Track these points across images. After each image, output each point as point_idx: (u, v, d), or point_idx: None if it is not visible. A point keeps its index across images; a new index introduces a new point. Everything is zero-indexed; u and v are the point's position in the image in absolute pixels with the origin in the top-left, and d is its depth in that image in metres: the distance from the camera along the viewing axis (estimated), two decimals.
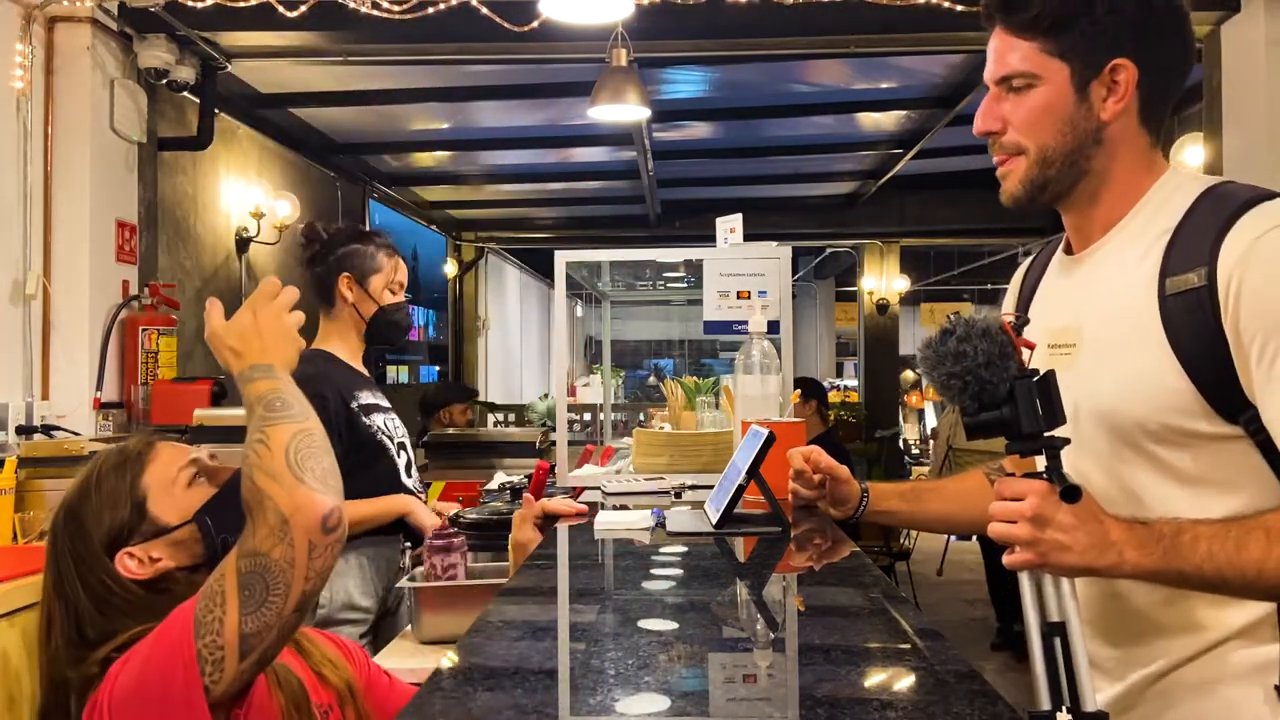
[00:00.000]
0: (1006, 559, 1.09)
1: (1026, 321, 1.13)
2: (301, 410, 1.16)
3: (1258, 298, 1.06)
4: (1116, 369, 1.16)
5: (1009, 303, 1.43)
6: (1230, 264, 1.08)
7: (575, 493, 2.13)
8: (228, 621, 1.07)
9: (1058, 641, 1.09)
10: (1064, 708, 1.07)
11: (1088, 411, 1.19)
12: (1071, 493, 1.05)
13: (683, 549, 1.47)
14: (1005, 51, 1.21)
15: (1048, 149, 1.19)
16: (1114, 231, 1.22)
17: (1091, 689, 1.08)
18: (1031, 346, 1.10)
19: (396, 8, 3.55)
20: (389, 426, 2.48)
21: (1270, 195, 1.12)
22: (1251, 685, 1.11)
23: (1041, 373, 1.08)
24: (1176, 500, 1.13)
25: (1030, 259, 1.44)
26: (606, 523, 1.62)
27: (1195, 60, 1.24)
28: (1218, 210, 1.12)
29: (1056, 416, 1.08)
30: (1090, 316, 1.21)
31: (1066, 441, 1.08)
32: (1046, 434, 1.07)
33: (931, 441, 5.80)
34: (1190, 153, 4.57)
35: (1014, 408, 1.07)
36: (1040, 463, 1.10)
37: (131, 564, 1.25)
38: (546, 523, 1.68)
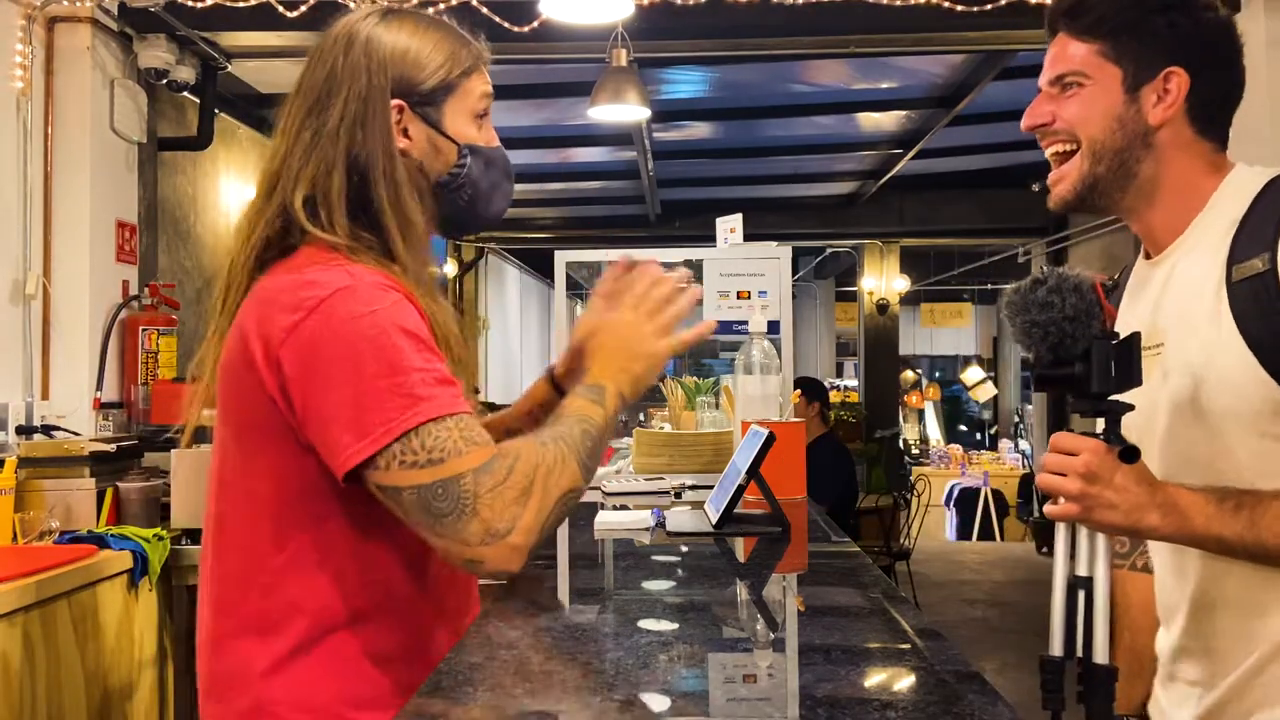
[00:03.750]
0: (1049, 509, 1.12)
1: (1115, 285, 1.14)
2: (593, 461, 1.12)
3: None
4: (1196, 363, 1.17)
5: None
6: None
7: None
8: (408, 475, 1.01)
9: (1081, 595, 1.11)
10: (1075, 658, 1.10)
11: (1171, 408, 1.20)
12: (1130, 454, 1.07)
13: (683, 549, 1.47)
14: (1060, 54, 1.25)
15: (1097, 142, 1.22)
16: (1187, 233, 1.23)
17: (1106, 644, 1.10)
18: (1113, 313, 1.12)
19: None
20: None
21: None
22: None
23: (1124, 336, 1.10)
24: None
25: (1122, 271, 1.44)
26: (606, 523, 1.62)
27: (1244, 84, 1.29)
28: None
29: (1135, 377, 1.09)
30: (1171, 315, 1.23)
31: (1130, 407, 1.10)
32: (1111, 397, 1.09)
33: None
34: None
35: (1087, 366, 1.09)
36: (1100, 425, 1.11)
37: (397, 115, 1.17)
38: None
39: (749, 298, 2.56)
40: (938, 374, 16.76)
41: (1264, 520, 1.07)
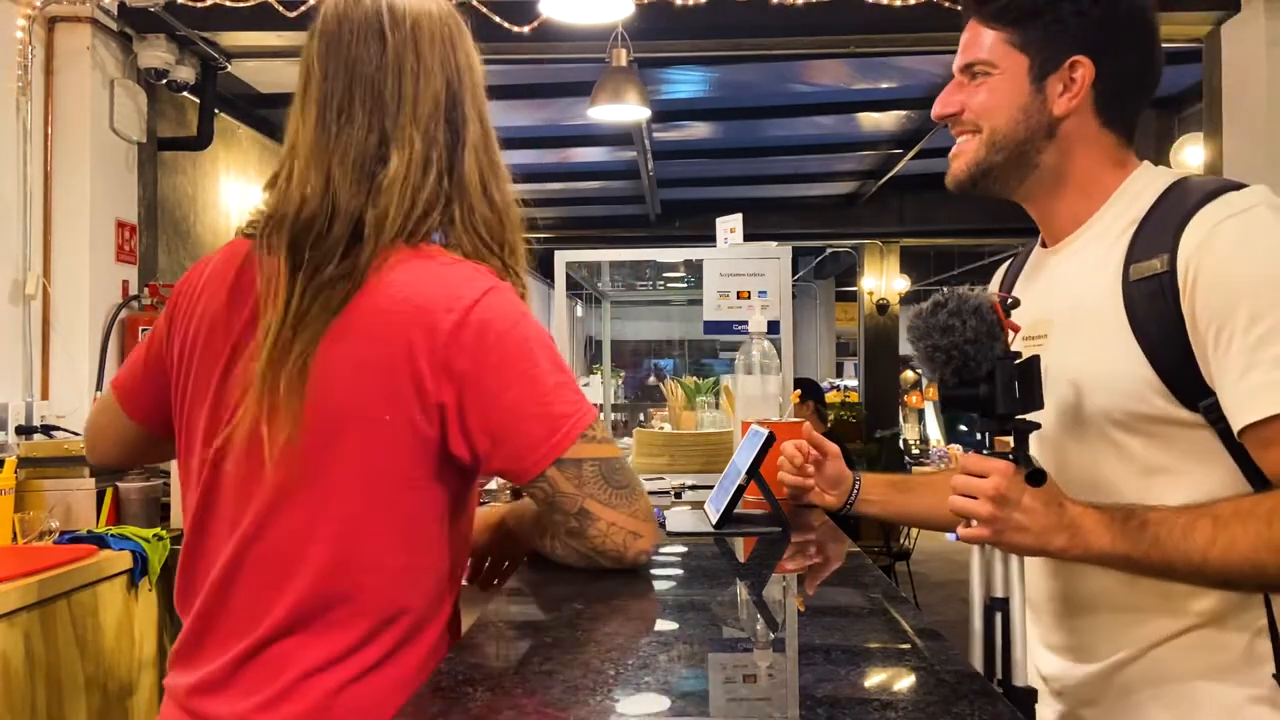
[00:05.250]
0: (961, 531, 1.12)
1: (1017, 303, 1.15)
2: None
3: (1215, 284, 1.07)
4: (1083, 357, 1.17)
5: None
6: (1190, 250, 1.09)
7: None
8: (591, 449, 1.10)
9: (999, 616, 1.11)
10: (995, 680, 1.10)
11: (1054, 399, 1.20)
12: (1037, 476, 1.07)
13: (683, 549, 1.47)
14: (971, 41, 1.26)
15: (998, 133, 1.23)
16: (1085, 226, 1.24)
17: (1025, 665, 1.10)
18: (1016, 329, 1.12)
19: None
20: None
21: (1236, 186, 1.13)
22: (1236, 678, 1.10)
23: (1025, 357, 1.10)
24: (1136, 490, 1.13)
25: (1013, 258, 1.47)
26: None
27: (1160, 73, 1.27)
28: (1183, 199, 1.14)
29: (1035, 400, 1.10)
30: (1060, 307, 1.23)
31: (1036, 426, 1.11)
32: (1017, 416, 1.10)
33: None
34: (1190, 153, 4.57)
35: (992, 387, 1.09)
36: (1006, 443, 1.11)
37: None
38: None
39: (749, 298, 2.56)
40: None
41: (1170, 539, 1.06)
